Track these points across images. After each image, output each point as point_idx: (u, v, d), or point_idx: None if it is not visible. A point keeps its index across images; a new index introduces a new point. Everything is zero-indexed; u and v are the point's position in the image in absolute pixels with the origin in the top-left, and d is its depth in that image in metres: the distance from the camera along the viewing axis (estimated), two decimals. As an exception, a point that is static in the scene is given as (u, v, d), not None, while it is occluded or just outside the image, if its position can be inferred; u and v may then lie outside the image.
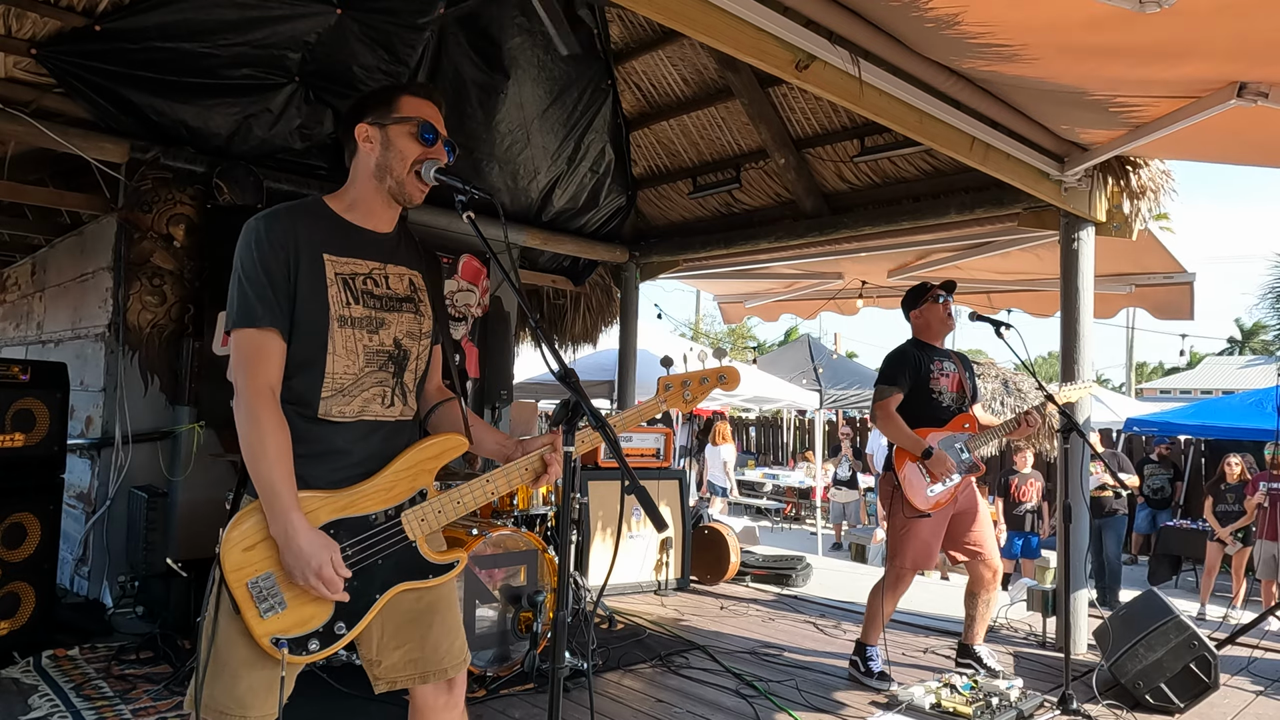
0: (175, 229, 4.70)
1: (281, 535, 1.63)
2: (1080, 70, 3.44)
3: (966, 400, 3.93)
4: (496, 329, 6.50)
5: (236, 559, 1.65)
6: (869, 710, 3.54)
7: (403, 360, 1.85)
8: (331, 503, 1.72)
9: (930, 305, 3.94)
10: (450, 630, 1.89)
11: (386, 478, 1.77)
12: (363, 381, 1.79)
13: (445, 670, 1.86)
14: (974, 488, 3.95)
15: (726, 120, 6.15)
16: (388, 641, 1.83)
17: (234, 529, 1.67)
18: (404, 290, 1.87)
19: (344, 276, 1.77)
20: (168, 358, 4.73)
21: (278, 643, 1.65)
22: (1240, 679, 4.10)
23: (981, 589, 3.94)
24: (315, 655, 1.70)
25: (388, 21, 4.82)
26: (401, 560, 1.77)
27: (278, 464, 1.64)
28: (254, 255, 1.70)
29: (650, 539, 5.66)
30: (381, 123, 1.81)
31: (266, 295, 1.69)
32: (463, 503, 1.82)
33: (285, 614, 1.67)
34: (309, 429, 1.75)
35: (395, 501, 1.77)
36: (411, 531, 1.78)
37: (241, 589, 1.64)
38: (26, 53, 4.00)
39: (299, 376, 1.74)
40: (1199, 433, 11.21)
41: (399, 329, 1.84)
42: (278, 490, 1.64)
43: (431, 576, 1.81)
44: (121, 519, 4.54)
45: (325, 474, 1.74)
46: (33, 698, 3.26)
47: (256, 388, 1.67)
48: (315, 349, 1.74)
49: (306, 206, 1.82)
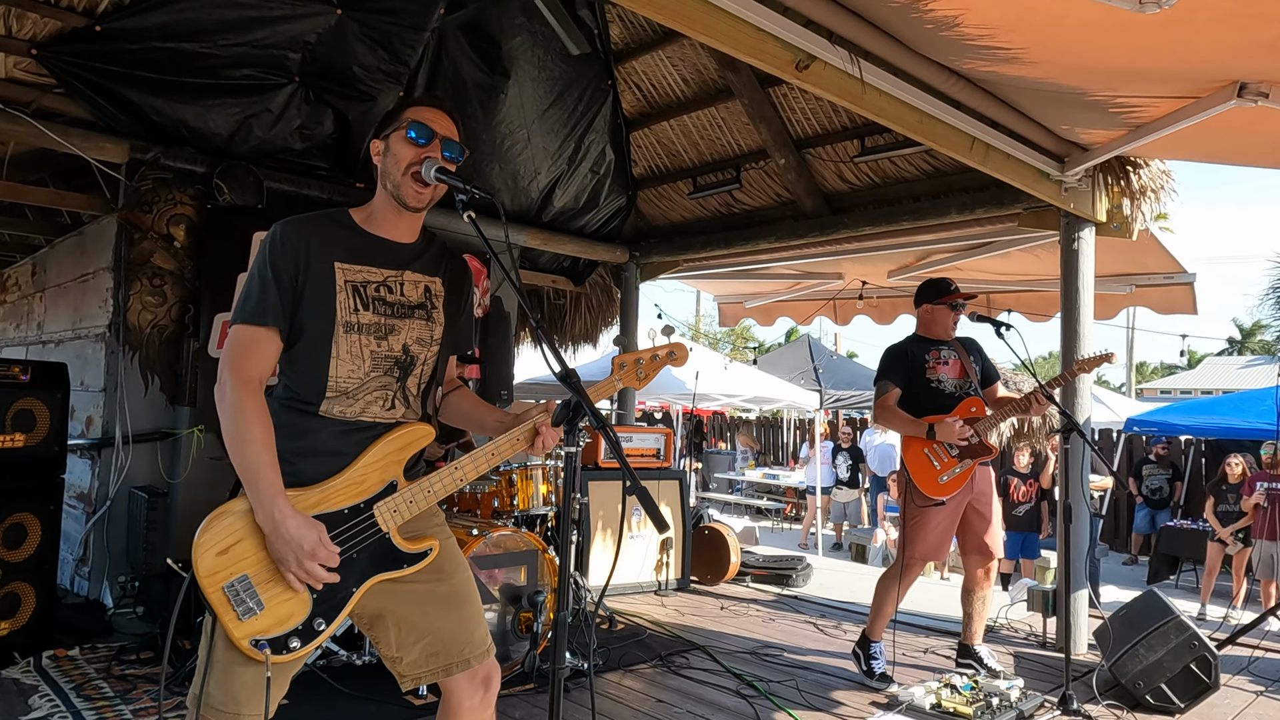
0: (175, 229, 4.70)
1: (269, 521, 1.63)
2: (1080, 71, 3.44)
3: (973, 385, 3.88)
4: (497, 329, 6.50)
5: (210, 564, 1.64)
6: (869, 710, 3.54)
7: (409, 366, 1.88)
8: (304, 499, 1.72)
9: (943, 309, 3.91)
10: (469, 620, 1.89)
11: (356, 471, 1.78)
12: (367, 385, 1.82)
13: (468, 660, 1.86)
14: (990, 477, 3.91)
15: (726, 120, 6.15)
16: (405, 637, 1.84)
17: (205, 532, 1.65)
18: (418, 298, 1.90)
19: (354, 284, 1.81)
20: (168, 358, 4.73)
21: (258, 644, 1.65)
22: (1241, 679, 4.10)
23: (976, 585, 3.93)
24: (298, 653, 1.70)
25: (388, 22, 4.83)
26: (376, 552, 1.78)
27: (263, 450, 1.65)
28: (266, 257, 1.76)
29: (650, 539, 5.66)
30: (385, 134, 1.88)
31: (269, 295, 1.73)
32: (433, 491, 1.83)
33: (263, 615, 1.66)
34: (306, 424, 1.77)
35: (366, 495, 1.78)
36: (384, 523, 1.78)
37: (217, 593, 1.64)
38: (27, 53, 4.01)
39: (303, 377, 1.78)
40: (1199, 432, 11.18)
41: (409, 335, 1.87)
42: (263, 475, 1.64)
43: (406, 566, 1.82)
44: (122, 519, 4.54)
45: (315, 471, 1.76)
46: (33, 698, 3.27)
47: (243, 377, 1.69)
48: (320, 353, 1.77)
49: (330, 216, 1.88)
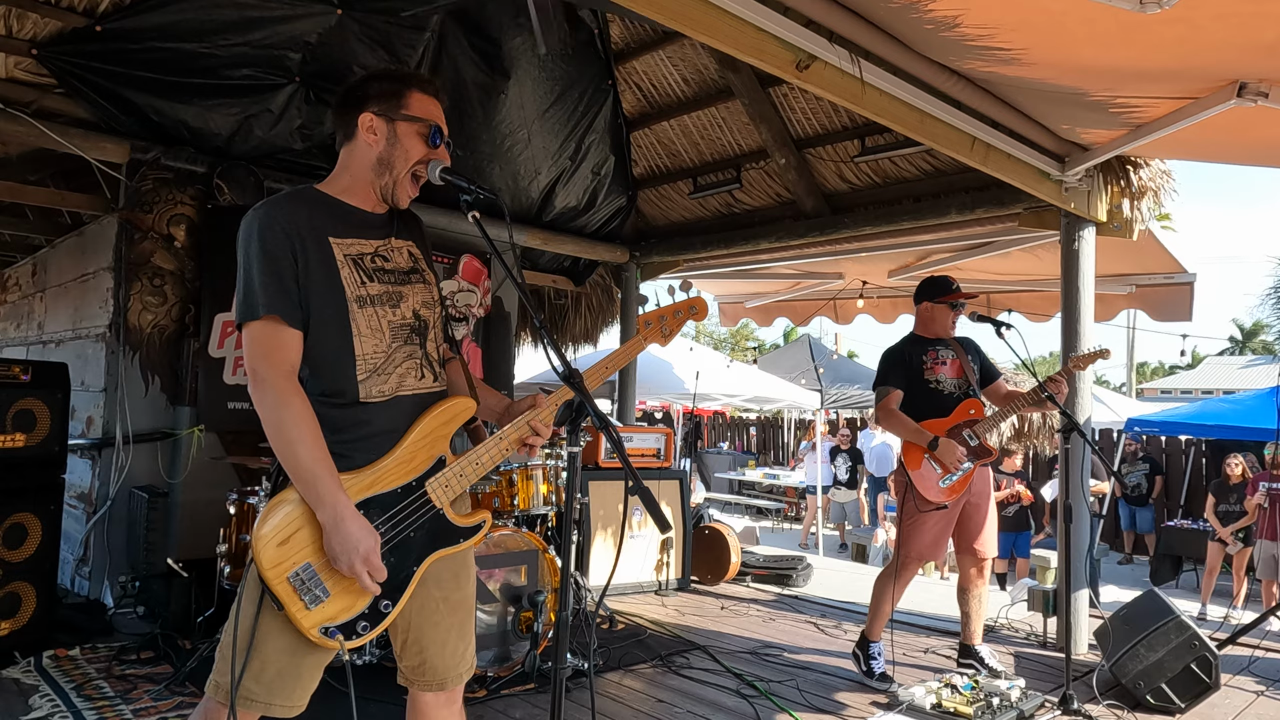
0: (176, 229, 4.70)
1: (331, 519, 1.60)
2: (1080, 71, 3.43)
3: (973, 384, 3.88)
4: (498, 329, 6.50)
5: (272, 555, 1.62)
6: (869, 710, 3.54)
7: (424, 331, 1.84)
8: (356, 482, 1.69)
9: (943, 309, 3.91)
10: (466, 637, 1.89)
11: (406, 449, 1.76)
12: (394, 358, 1.77)
13: (460, 676, 1.86)
14: (989, 478, 3.91)
15: (727, 120, 6.15)
16: (409, 646, 1.82)
17: (264, 524, 1.63)
18: (407, 263, 1.86)
19: (352, 257, 1.75)
20: (168, 358, 4.72)
21: (328, 632, 1.63)
22: (1241, 679, 4.10)
23: (970, 584, 3.94)
24: (367, 636, 1.69)
25: (388, 21, 4.83)
26: (432, 529, 1.77)
27: (315, 447, 1.61)
28: (258, 245, 1.66)
29: (651, 539, 5.66)
30: (390, 116, 1.76)
31: (274, 284, 1.64)
32: (480, 463, 1.81)
33: (330, 602, 1.65)
34: (348, 415, 1.71)
35: (417, 473, 1.76)
36: (437, 499, 1.77)
37: (283, 584, 1.61)
38: (27, 53, 4.00)
39: (330, 365, 1.70)
40: (1200, 432, 11.18)
41: (415, 300, 1.83)
42: (319, 474, 1.60)
43: (462, 540, 1.82)
44: (122, 519, 4.54)
45: (366, 455, 1.72)
46: (33, 698, 3.26)
47: (281, 373, 1.64)
48: (340, 334, 1.70)
49: (302, 193, 1.79)
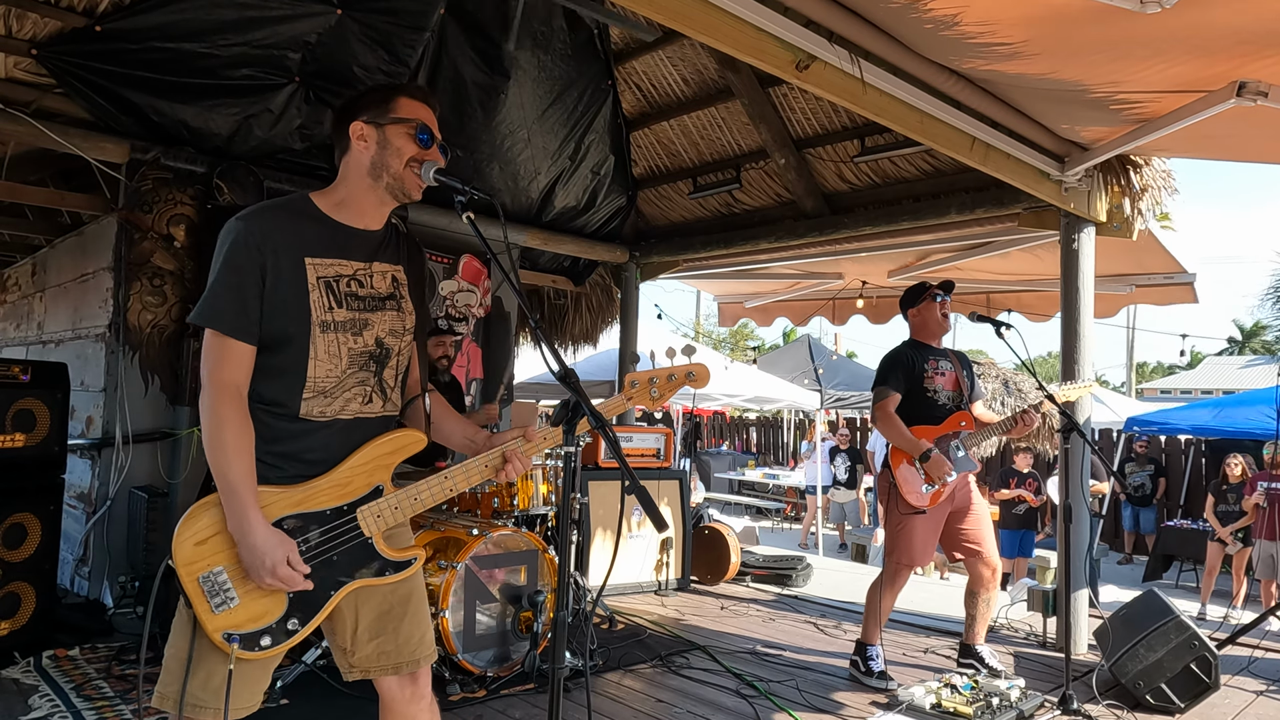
0: (176, 229, 4.70)
1: (238, 531, 1.63)
2: (1080, 66, 3.43)
3: (965, 398, 3.94)
4: (497, 329, 6.51)
5: (188, 553, 1.64)
6: (869, 710, 3.54)
7: (384, 358, 1.84)
8: (287, 497, 1.71)
9: (928, 304, 3.96)
10: (421, 622, 1.89)
11: (342, 473, 1.76)
12: (345, 382, 1.78)
13: (418, 661, 1.86)
14: (971, 485, 3.96)
15: (726, 120, 6.15)
16: (363, 634, 1.83)
17: (187, 523, 1.66)
18: (386, 288, 1.85)
19: (326, 280, 1.76)
20: (168, 358, 4.73)
21: (229, 638, 1.64)
22: (1241, 679, 4.10)
23: (981, 588, 3.94)
24: (268, 651, 1.69)
25: (388, 22, 4.82)
26: (357, 556, 1.76)
27: (236, 459, 1.64)
28: (229, 258, 1.68)
29: (650, 539, 5.66)
30: (378, 122, 1.79)
31: (235, 302, 1.67)
32: (420, 499, 1.80)
33: (237, 609, 1.66)
34: (284, 428, 1.74)
35: (350, 498, 1.76)
36: (367, 527, 1.76)
37: (193, 583, 1.64)
38: (27, 53, 4.01)
39: (278, 380, 1.73)
40: (1200, 432, 11.17)
41: (381, 328, 1.83)
42: (235, 486, 1.63)
43: (390, 573, 1.80)
44: (122, 519, 4.54)
45: (297, 471, 1.74)
46: (33, 698, 3.26)
47: (220, 383, 1.67)
48: (297, 355, 1.72)
49: (291, 204, 1.79)
